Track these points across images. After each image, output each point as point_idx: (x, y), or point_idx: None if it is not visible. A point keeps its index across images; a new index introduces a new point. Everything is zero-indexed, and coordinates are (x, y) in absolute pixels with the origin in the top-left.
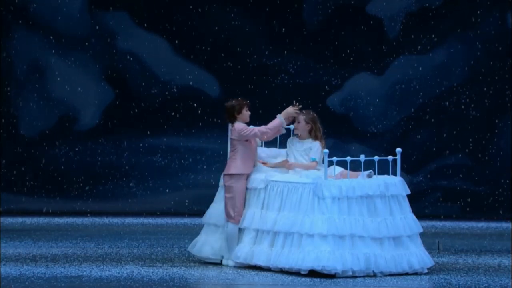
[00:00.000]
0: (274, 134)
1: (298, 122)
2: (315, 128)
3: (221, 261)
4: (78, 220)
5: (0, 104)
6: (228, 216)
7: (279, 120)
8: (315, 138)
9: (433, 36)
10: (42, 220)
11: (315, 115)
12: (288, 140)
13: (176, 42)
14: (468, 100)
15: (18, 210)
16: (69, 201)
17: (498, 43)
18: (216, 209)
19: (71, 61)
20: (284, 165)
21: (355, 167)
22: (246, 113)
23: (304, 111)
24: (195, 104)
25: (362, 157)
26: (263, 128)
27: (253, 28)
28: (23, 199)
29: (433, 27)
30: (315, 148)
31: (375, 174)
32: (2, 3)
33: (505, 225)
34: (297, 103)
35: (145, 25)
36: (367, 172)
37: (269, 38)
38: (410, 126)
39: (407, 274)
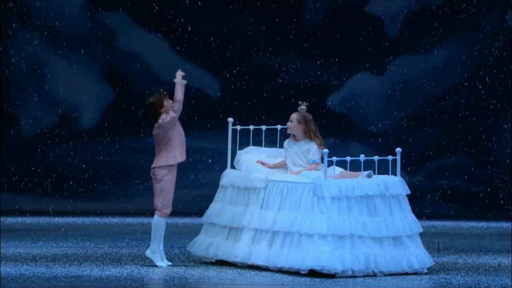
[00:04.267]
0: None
1: (291, 122)
2: (308, 128)
3: (215, 260)
4: (78, 220)
5: (0, 104)
6: (156, 208)
7: (178, 83)
8: (311, 138)
9: (433, 36)
10: (42, 220)
11: (306, 114)
12: (285, 143)
13: (176, 42)
14: (468, 100)
15: (18, 210)
16: (69, 201)
17: (498, 43)
18: (216, 209)
19: (71, 61)
20: (283, 166)
21: (355, 167)
22: (168, 104)
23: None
24: (195, 104)
25: (362, 157)
26: (174, 103)
27: (253, 28)
28: (23, 199)
29: (433, 27)
30: (313, 150)
31: (375, 174)
32: (2, 3)
33: (505, 225)
34: (303, 102)
35: (145, 25)
36: (367, 172)
37: (269, 38)
38: (410, 126)
39: (407, 274)
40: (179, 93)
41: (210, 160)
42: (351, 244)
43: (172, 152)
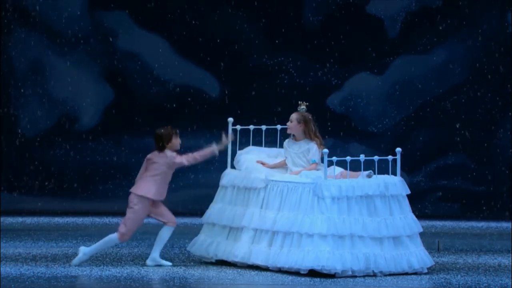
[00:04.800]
0: (202, 161)
1: (291, 122)
2: (308, 128)
3: (215, 260)
4: (78, 220)
5: (0, 104)
6: (118, 230)
7: (212, 150)
8: (310, 138)
9: (433, 36)
10: (42, 220)
11: (306, 114)
12: (285, 143)
13: (176, 42)
14: (468, 100)
15: (18, 210)
16: (69, 201)
17: (498, 43)
18: (216, 209)
19: (71, 61)
20: (283, 166)
21: (355, 167)
22: (175, 142)
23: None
24: (195, 104)
25: (362, 157)
26: (192, 156)
27: (253, 28)
28: (23, 199)
29: (433, 27)
30: (313, 150)
31: (374, 174)
32: (2, 3)
33: (505, 225)
34: (303, 102)
35: (145, 25)
36: (366, 172)
37: (269, 38)
38: (410, 126)
39: (407, 274)
40: (203, 156)
41: (210, 160)
42: (351, 244)
43: (154, 187)
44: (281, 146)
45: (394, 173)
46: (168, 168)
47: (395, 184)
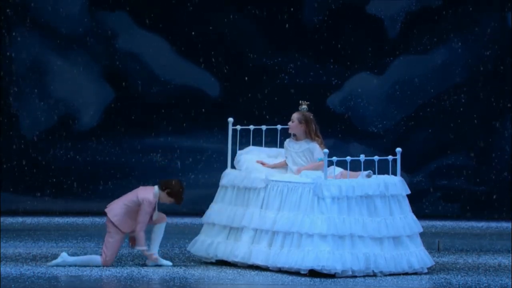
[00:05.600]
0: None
1: (292, 121)
2: (309, 128)
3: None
4: (78, 220)
5: (0, 104)
6: (101, 254)
7: (144, 246)
8: (311, 138)
9: (433, 36)
10: (42, 220)
11: (307, 114)
12: (285, 142)
13: (176, 42)
14: (468, 100)
15: (18, 210)
16: (69, 201)
17: (498, 43)
18: (216, 209)
19: (71, 61)
20: (294, 171)
21: (355, 167)
22: (166, 201)
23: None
24: (195, 104)
25: (362, 157)
26: (142, 228)
27: (253, 28)
28: (23, 199)
29: (433, 27)
30: (317, 150)
31: (374, 174)
32: (2, 3)
33: (505, 225)
34: (304, 101)
35: (145, 25)
36: (366, 172)
37: (269, 38)
38: (410, 126)
39: (407, 274)
40: (141, 239)
41: (210, 160)
42: (351, 244)
43: (121, 214)
44: (281, 146)
45: (394, 173)
46: (136, 202)
47: (395, 184)
